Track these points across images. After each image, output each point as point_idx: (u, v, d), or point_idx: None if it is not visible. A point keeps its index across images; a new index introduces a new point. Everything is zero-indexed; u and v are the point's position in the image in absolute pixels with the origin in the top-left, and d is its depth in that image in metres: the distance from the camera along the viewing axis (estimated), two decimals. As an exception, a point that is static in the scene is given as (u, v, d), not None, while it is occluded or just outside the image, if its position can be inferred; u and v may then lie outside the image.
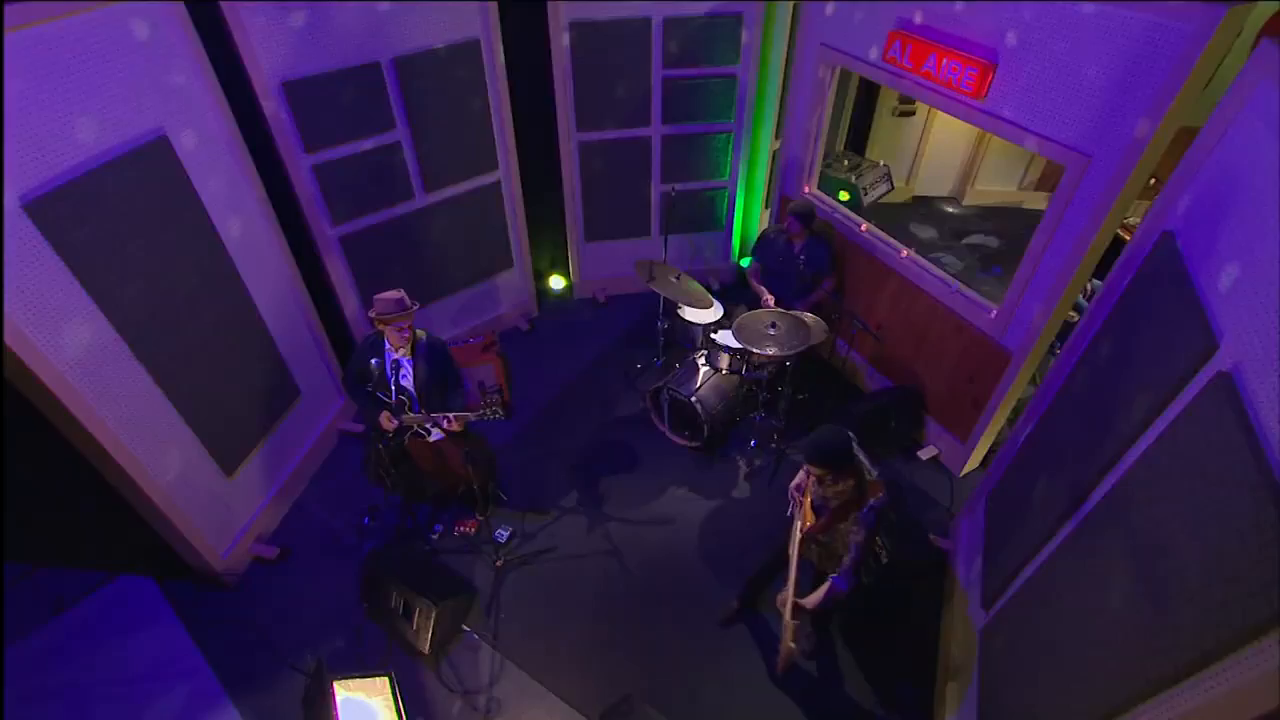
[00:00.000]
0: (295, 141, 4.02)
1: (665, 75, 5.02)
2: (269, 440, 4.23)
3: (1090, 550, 2.51)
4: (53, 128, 2.78)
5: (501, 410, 3.43)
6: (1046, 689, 2.53)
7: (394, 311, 3.35)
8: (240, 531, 4.12)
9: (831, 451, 2.78)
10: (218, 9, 3.47)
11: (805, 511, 3.11)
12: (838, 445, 2.78)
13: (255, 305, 3.95)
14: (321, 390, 4.72)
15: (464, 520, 4.33)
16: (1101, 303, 3.13)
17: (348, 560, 4.17)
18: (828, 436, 2.80)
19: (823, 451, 2.77)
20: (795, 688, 3.62)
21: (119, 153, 3.04)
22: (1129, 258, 2.92)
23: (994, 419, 4.32)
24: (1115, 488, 2.48)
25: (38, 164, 2.74)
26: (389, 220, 4.65)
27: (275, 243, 4.09)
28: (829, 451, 2.78)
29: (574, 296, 6.23)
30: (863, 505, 2.88)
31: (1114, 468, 2.55)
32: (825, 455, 2.78)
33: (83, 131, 2.89)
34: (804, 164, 5.13)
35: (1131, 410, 2.48)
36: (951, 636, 3.66)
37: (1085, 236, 3.43)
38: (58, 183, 2.81)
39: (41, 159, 2.75)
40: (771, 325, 4.20)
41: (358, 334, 4.92)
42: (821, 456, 2.78)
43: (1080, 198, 3.39)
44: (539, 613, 3.92)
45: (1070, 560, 2.66)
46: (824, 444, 2.78)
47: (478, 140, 4.78)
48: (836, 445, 2.78)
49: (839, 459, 2.78)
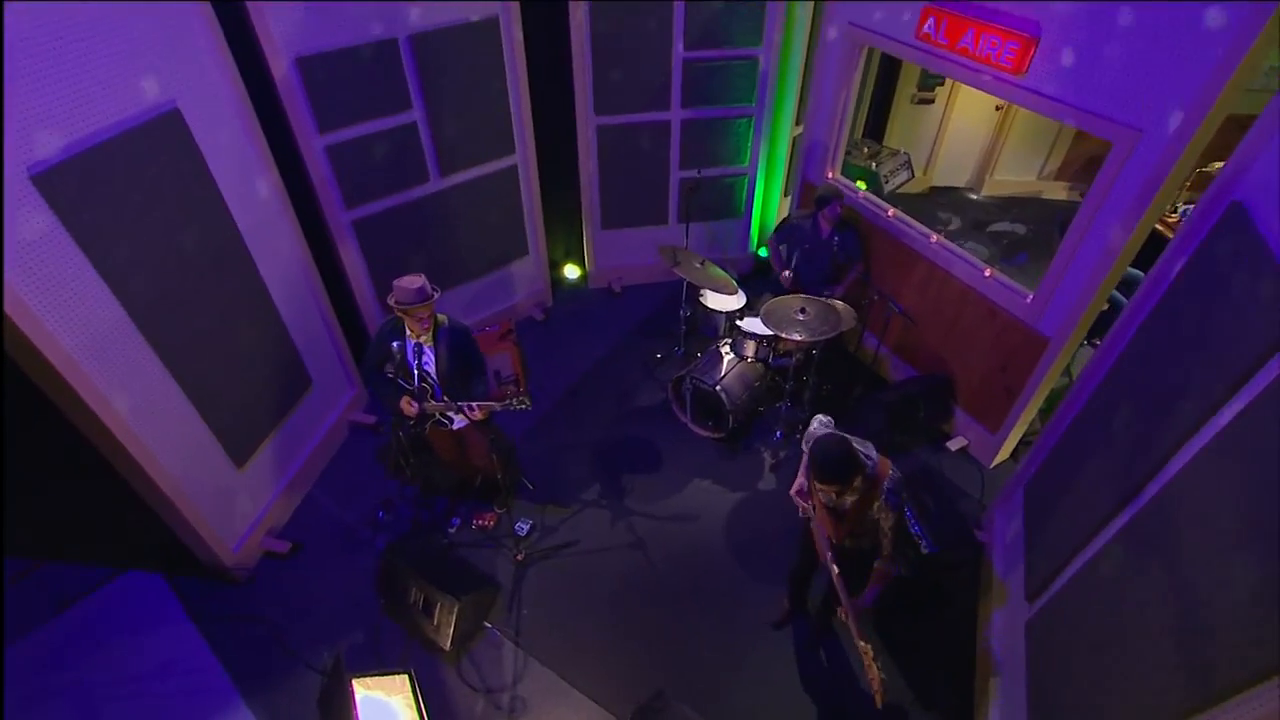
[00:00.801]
0: (309, 120, 3.90)
1: (686, 57, 4.91)
2: (280, 431, 4.11)
3: (1147, 545, 2.41)
4: (62, 98, 2.65)
5: (528, 400, 3.31)
6: (1105, 688, 2.42)
7: (413, 301, 3.21)
8: (251, 525, 4.00)
9: (845, 464, 2.64)
10: (230, -21, 3.36)
11: (824, 520, 2.98)
12: (846, 456, 2.65)
13: (268, 289, 3.83)
14: (333, 380, 4.59)
15: (482, 514, 4.21)
16: (1153, 284, 3.03)
17: (362, 555, 4.05)
18: (834, 451, 2.65)
19: (837, 468, 2.63)
20: (828, 684, 3.52)
21: (130, 125, 2.92)
22: (1187, 234, 2.82)
23: (1027, 408, 4.22)
24: (1177, 477, 2.38)
25: (46, 135, 2.62)
26: (403, 205, 4.53)
27: (288, 225, 3.97)
28: (842, 465, 2.64)
29: (588, 286, 6.11)
30: (880, 491, 2.75)
31: (1175, 456, 2.46)
32: (840, 471, 2.64)
33: (92, 102, 2.77)
34: (828, 148, 5.03)
35: (1194, 395, 2.38)
36: (990, 631, 3.55)
37: (1132, 215, 3.33)
38: (67, 154, 2.68)
39: (50, 130, 2.63)
40: (801, 311, 4.09)
41: (370, 323, 4.80)
42: (837, 474, 2.64)
43: (1128, 175, 3.28)
44: (562, 608, 3.81)
45: (1125, 555, 2.55)
46: (834, 460, 2.63)
47: (495, 122, 4.67)
48: (845, 456, 2.64)
49: (852, 469, 2.66)
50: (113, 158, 2.85)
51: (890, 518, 2.78)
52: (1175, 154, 3.07)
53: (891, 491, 2.77)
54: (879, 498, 2.77)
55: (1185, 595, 2.10)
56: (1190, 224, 2.78)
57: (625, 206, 5.65)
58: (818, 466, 2.66)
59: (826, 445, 2.69)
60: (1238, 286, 2.33)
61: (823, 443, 2.71)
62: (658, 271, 6.10)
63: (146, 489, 3.35)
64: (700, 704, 3.34)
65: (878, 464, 2.79)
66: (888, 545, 2.84)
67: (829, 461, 2.64)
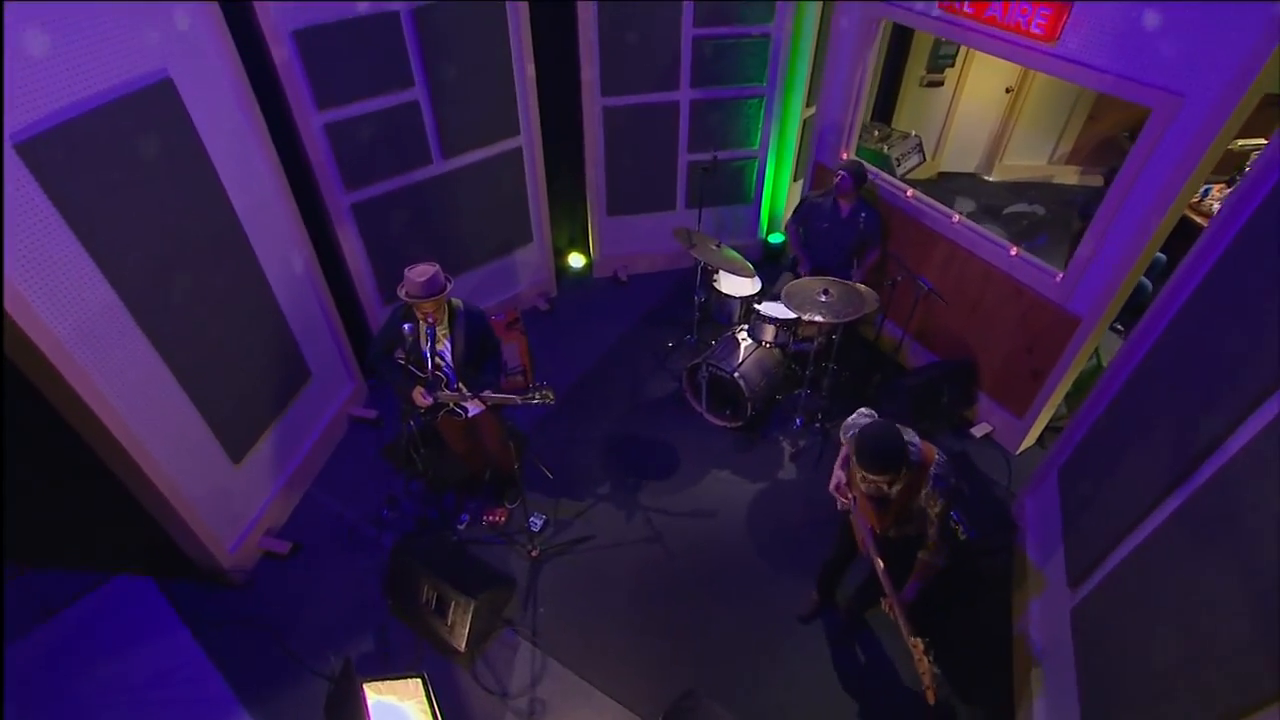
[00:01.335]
0: (307, 96, 3.74)
1: (696, 35, 4.79)
2: (278, 425, 3.94)
3: (1207, 525, 2.31)
4: (48, 63, 2.49)
5: (550, 394, 3.15)
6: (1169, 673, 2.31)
7: (422, 295, 3.05)
8: (249, 525, 3.82)
9: (895, 452, 2.51)
10: (224, -56, 3.20)
11: (867, 511, 2.86)
12: (896, 443, 2.52)
13: (265, 274, 3.66)
14: (332, 372, 4.43)
15: (492, 509, 4.06)
16: (1199, 258, 2.94)
17: (366, 554, 3.89)
18: (884, 437, 2.52)
19: (888, 457, 2.50)
20: (863, 677, 3.40)
21: (120, 93, 2.75)
22: (1240, 199, 2.72)
23: (1055, 392, 4.13)
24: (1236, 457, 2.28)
25: (30, 100, 2.45)
26: (405, 188, 4.38)
27: (286, 206, 3.80)
28: (892, 453, 2.51)
29: (593, 276, 5.97)
30: (926, 478, 2.63)
31: (1234, 434, 2.36)
32: (890, 459, 2.51)
33: (80, 68, 2.60)
34: (843, 128, 4.92)
35: (1255, 369, 2.28)
36: (1028, 621, 3.45)
37: (1171, 186, 3.23)
38: (54, 121, 2.51)
39: (34, 96, 2.46)
40: (824, 293, 3.97)
41: (369, 312, 4.64)
42: (888, 462, 2.51)
43: (1168, 142, 3.19)
44: (580, 606, 3.67)
45: (1183, 536, 2.46)
46: (884, 447, 2.50)
47: (499, 102, 4.52)
48: (895, 443, 2.52)
49: (901, 456, 2.53)
50: (101, 128, 2.68)
51: (938, 505, 2.66)
52: (1219, 120, 2.98)
53: (939, 478, 2.64)
54: (925, 485, 2.65)
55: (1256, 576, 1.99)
56: (1246, 187, 2.69)
57: (632, 191, 5.52)
58: (867, 455, 2.52)
59: (874, 433, 2.55)
60: (1306, 249, 2.24)
61: (869, 431, 2.57)
62: (665, 259, 5.98)
63: (140, 486, 3.18)
64: (731, 703, 3.22)
65: (921, 450, 2.67)
66: (934, 535, 2.72)
67: (880, 450, 2.51)
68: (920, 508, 2.71)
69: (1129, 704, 2.47)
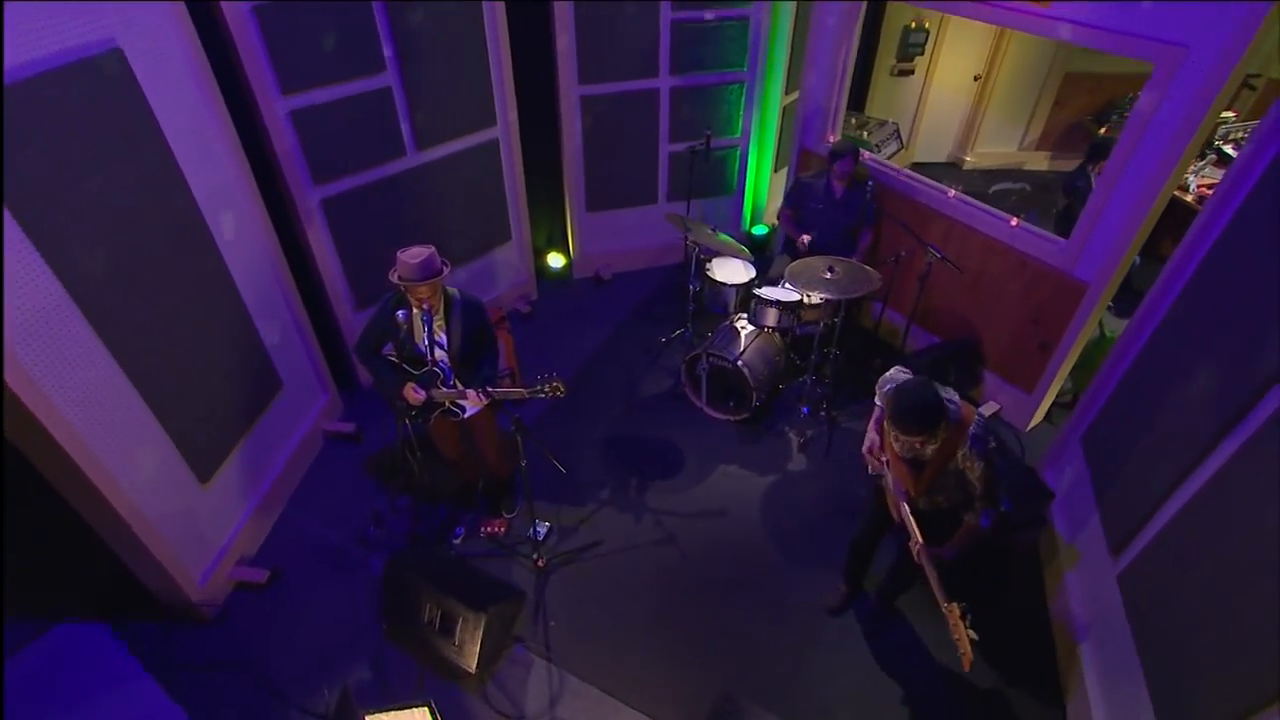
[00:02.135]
0: (271, 80, 3.50)
1: (675, 19, 4.72)
2: (248, 440, 3.63)
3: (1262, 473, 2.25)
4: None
5: (561, 386, 2.95)
6: (1235, 633, 2.23)
7: (416, 278, 2.83)
8: (219, 552, 3.49)
9: (932, 409, 2.43)
10: (176, -90, 2.97)
11: (901, 475, 2.75)
12: (933, 400, 2.44)
13: (229, 271, 3.38)
14: (304, 383, 4.13)
15: (489, 520, 3.80)
16: (1220, 206, 2.94)
17: (354, 577, 3.59)
18: (919, 395, 2.44)
19: (924, 414, 2.42)
20: (904, 667, 3.26)
21: (64, 61, 2.48)
22: (1258, 145, 2.73)
23: (1064, 364, 4.11)
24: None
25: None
26: (377, 181, 4.14)
27: (250, 198, 3.54)
28: (929, 410, 2.42)
29: (574, 276, 5.79)
30: (964, 438, 2.53)
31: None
32: (927, 417, 2.42)
33: (18, 30, 2.33)
34: (827, 110, 4.90)
35: None
36: (1065, 596, 3.36)
37: (1177, 142, 3.24)
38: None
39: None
40: (829, 270, 3.88)
41: (341, 315, 4.36)
42: (925, 420, 2.43)
43: (1174, 96, 3.20)
44: (595, 615, 3.44)
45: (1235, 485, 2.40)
46: (921, 405, 2.42)
47: (475, 90, 4.35)
48: (932, 400, 2.43)
49: (939, 414, 2.44)
50: (42, 99, 2.41)
51: (977, 466, 2.56)
52: (1225, 70, 3.00)
53: (977, 438, 2.55)
54: (963, 445, 2.54)
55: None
56: (1266, 127, 2.70)
57: (612, 185, 5.38)
58: (902, 413, 2.44)
59: (910, 390, 2.47)
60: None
61: (904, 388, 2.50)
62: (648, 256, 5.85)
63: (95, 510, 2.85)
64: (769, 704, 3.03)
65: (961, 409, 2.57)
66: (981, 493, 2.61)
67: (915, 406, 2.42)
68: (957, 470, 2.60)
69: (1199, 666, 2.37)
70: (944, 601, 2.52)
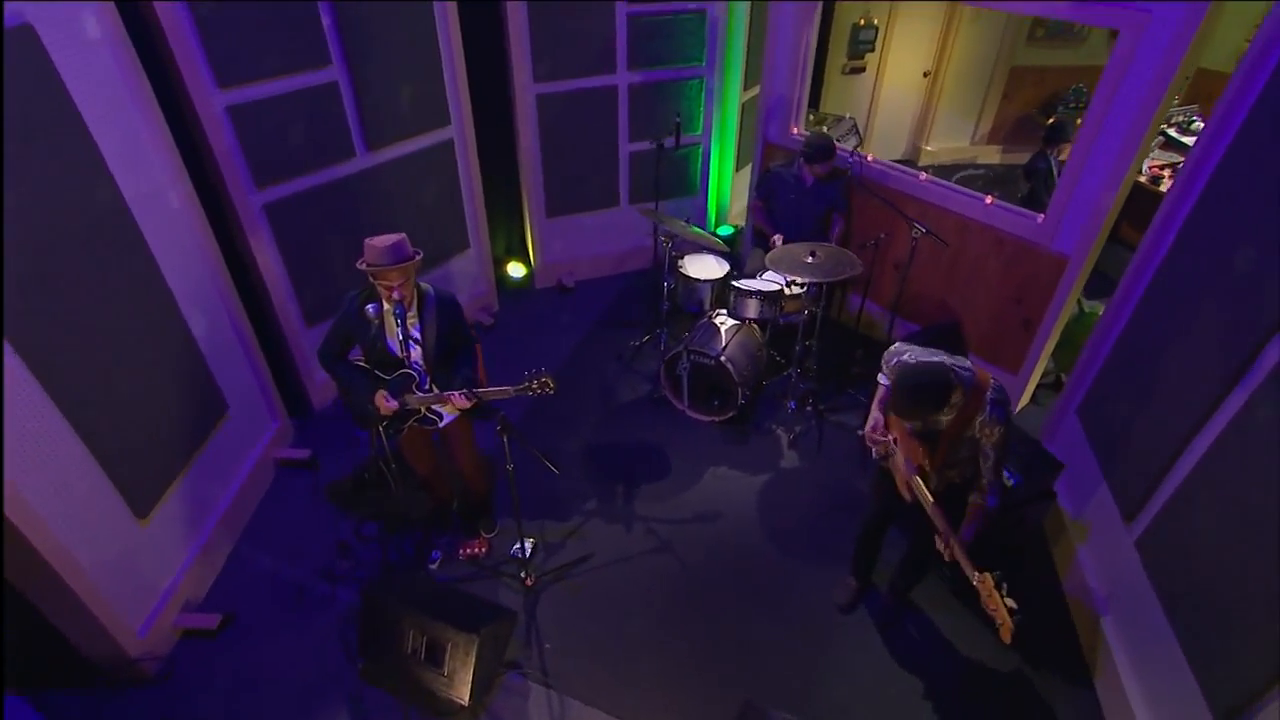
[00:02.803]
0: (205, 73, 3.30)
1: (630, 12, 4.70)
2: (191, 470, 3.33)
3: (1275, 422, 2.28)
4: None
5: (551, 382, 2.80)
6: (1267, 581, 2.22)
7: (388, 262, 2.65)
8: (162, 597, 3.17)
9: (934, 391, 2.38)
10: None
11: (911, 449, 2.69)
12: (933, 382, 2.38)
13: (165, 278, 3.12)
14: (252, 406, 3.84)
15: (468, 542, 3.57)
16: (1198, 166, 3.03)
17: (320, 615, 3.31)
18: (925, 377, 2.39)
19: (925, 398, 2.38)
20: (921, 661, 3.17)
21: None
22: (1233, 99, 2.83)
23: (1049, 341, 4.16)
24: None
25: None
26: (326, 185, 3.94)
27: (187, 201, 3.29)
28: (930, 393, 2.38)
29: (535, 286, 5.64)
30: (981, 403, 2.49)
31: None
32: (929, 401, 2.38)
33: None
34: (790, 101, 4.94)
35: None
36: (1080, 571, 3.34)
37: (1147, 105, 3.34)
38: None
39: None
40: (810, 255, 3.85)
41: (290, 332, 4.10)
42: (935, 403, 2.38)
43: (1139, 61, 3.31)
44: (593, 633, 3.24)
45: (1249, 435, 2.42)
46: (927, 389, 2.37)
47: (427, 86, 4.21)
48: (932, 383, 2.38)
49: (943, 392, 2.39)
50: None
51: (995, 433, 2.51)
52: (1189, 32, 3.11)
53: (996, 403, 2.50)
54: (980, 411, 2.49)
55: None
56: (1239, 81, 2.79)
57: (572, 189, 5.29)
58: (915, 400, 2.40)
59: (907, 376, 2.43)
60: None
61: (904, 373, 2.46)
62: (612, 262, 5.76)
63: (13, 554, 2.52)
64: (795, 705, 2.88)
65: (975, 374, 2.53)
66: (988, 470, 2.55)
67: (924, 390, 2.38)
68: (972, 439, 2.54)
69: (1237, 620, 2.35)
70: (974, 574, 2.43)
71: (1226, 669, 2.37)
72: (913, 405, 2.41)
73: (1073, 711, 2.99)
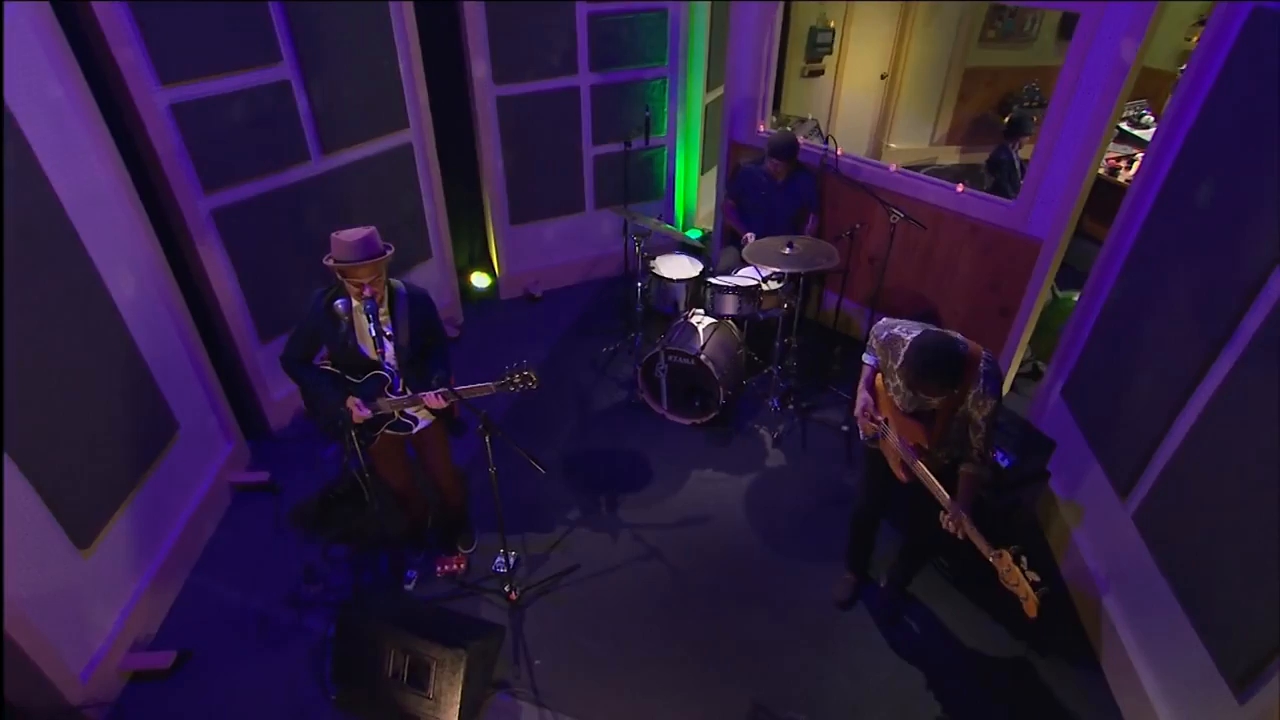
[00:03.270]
0: (146, 68, 3.16)
1: (591, 11, 4.71)
2: (140, 494, 3.13)
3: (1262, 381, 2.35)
4: None
5: (534, 376, 2.70)
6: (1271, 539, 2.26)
7: (358, 258, 2.54)
8: (108, 637, 2.95)
9: (960, 363, 2.36)
10: None
11: (905, 428, 2.67)
12: (959, 353, 2.38)
13: (106, 286, 2.95)
14: (204, 426, 3.65)
15: (445, 559, 3.42)
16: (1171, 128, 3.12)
17: (287, 646, 3.12)
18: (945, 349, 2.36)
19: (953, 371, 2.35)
20: (927, 653, 3.14)
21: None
22: (1201, 63, 2.93)
23: (1026, 326, 4.23)
24: None
25: None
26: (279, 190, 3.81)
27: (129, 204, 3.13)
28: (958, 365, 2.36)
29: (500, 297, 5.55)
30: (975, 376, 2.49)
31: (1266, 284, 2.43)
32: (956, 373, 2.36)
33: None
34: (756, 100, 5.00)
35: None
36: (1077, 553, 3.36)
37: (1111, 87, 3.45)
38: None
39: None
40: (788, 246, 3.86)
41: (245, 352, 3.92)
42: (953, 378, 2.37)
43: (1100, 44, 3.42)
44: (585, 646, 3.12)
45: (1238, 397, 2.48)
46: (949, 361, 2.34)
47: (384, 86, 4.13)
48: (959, 354, 2.37)
49: (964, 367, 2.38)
50: None
51: (989, 405, 2.50)
52: (1148, 11, 3.24)
53: (990, 375, 2.50)
54: (974, 384, 2.49)
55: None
56: (1205, 43, 2.90)
57: (536, 194, 5.24)
58: (925, 373, 2.36)
59: (930, 347, 2.38)
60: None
61: (924, 345, 2.40)
62: (579, 269, 5.71)
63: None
64: (802, 709, 2.80)
65: (969, 346, 2.53)
66: (980, 441, 2.55)
67: (942, 363, 2.34)
68: (965, 414, 2.54)
69: (1243, 582, 2.37)
70: (989, 551, 2.40)
71: (1237, 633, 2.39)
72: (935, 379, 2.35)
73: (1080, 694, 2.98)
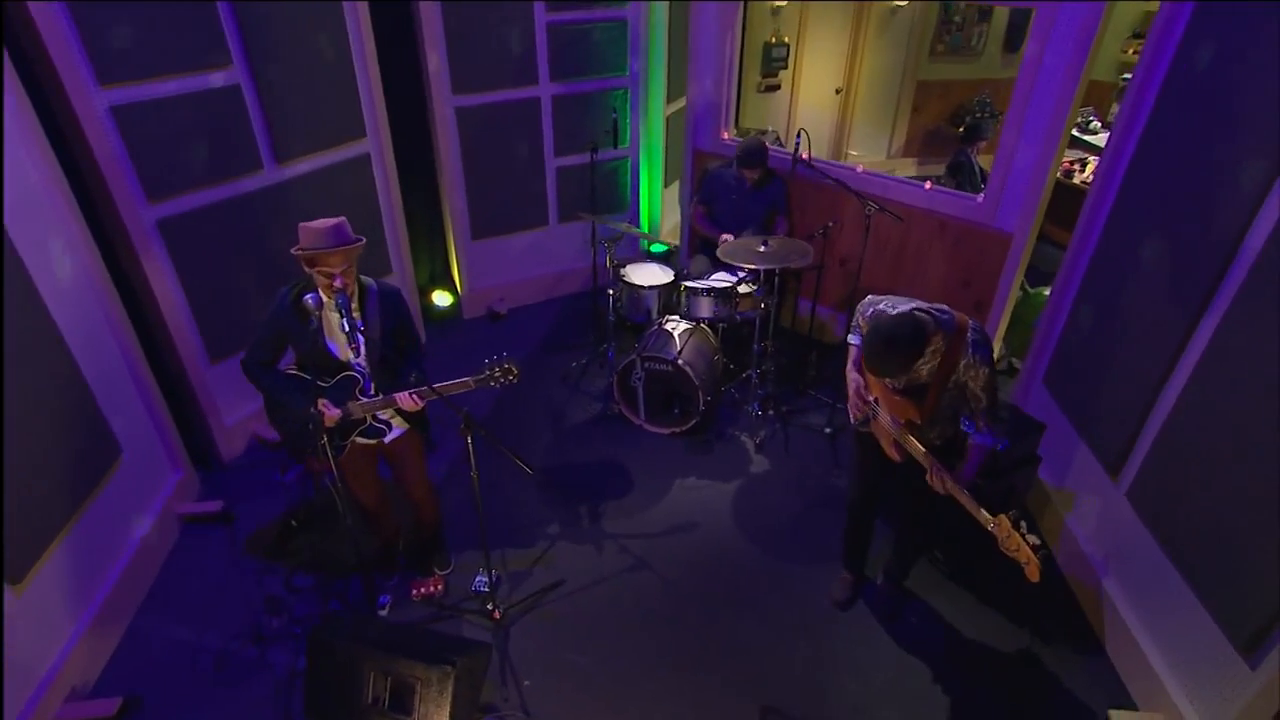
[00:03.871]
0: (84, 68, 3.05)
1: (550, 21, 4.76)
2: (77, 525, 2.92)
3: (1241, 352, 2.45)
4: None
5: (515, 370, 2.63)
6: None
7: (328, 245, 2.47)
8: (41, 683, 2.72)
9: (907, 344, 2.36)
10: None
11: (895, 406, 2.68)
12: (905, 333, 2.36)
13: (41, 295, 2.79)
14: (149, 453, 3.45)
15: (421, 581, 3.28)
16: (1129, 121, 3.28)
17: (248, 683, 2.93)
18: (896, 329, 2.36)
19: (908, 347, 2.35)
20: (930, 648, 3.12)
21: None
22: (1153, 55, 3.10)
23: (1001, 319, 4.34)
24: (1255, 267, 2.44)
25: None
26: (230, 200, 3.70)
27: (66, 211, 2.99)
28: (913, 339, 2.36)
29: (463, 315, 5.46)
30: (964, 345, 2.52)
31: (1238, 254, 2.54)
32: (913, 348, 2.36)
33: None
34: (719, 106, 5.09)
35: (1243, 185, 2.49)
36: (1071, 540, 3.40)
37: (1070, 77, 3.62)
38: None
39: None
40: (763, 244, 3.90)
41: (192, 372, 3.74)
42: (910, 353, 2.36)
43: (1057, 38, 3.59)
44: (576, 664, 3.01)
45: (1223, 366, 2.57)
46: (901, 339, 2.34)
47: (341, 91, 4.08)
48: (904, 334, 2.36)
49: (917, 345, 2.37)
50: None
51: (982, 374, 2.51)
52: (1099, 9, 3.43)
53: (978, 343, 2.52)
54: (963, 354, 2.51)
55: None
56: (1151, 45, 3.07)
57: (497, 208, 5.21)
58: (874, 359, 2.38)
59: (880, 326, 2.40)
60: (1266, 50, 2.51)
61: (876, 325, 2.42)
62: (544, 285, 5.68)
63: None
64: (809, 710, 2.74)
65: (955, 316, 2.55)
66: (983, 408, 2.55)
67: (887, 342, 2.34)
68: (958, 386, 2.55)
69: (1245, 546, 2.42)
70: (987, 519, 2.40)
71: (1242, 597, 2.42)
72: (888, 359, 2.35)
73: (1087, 679, 2.99)
